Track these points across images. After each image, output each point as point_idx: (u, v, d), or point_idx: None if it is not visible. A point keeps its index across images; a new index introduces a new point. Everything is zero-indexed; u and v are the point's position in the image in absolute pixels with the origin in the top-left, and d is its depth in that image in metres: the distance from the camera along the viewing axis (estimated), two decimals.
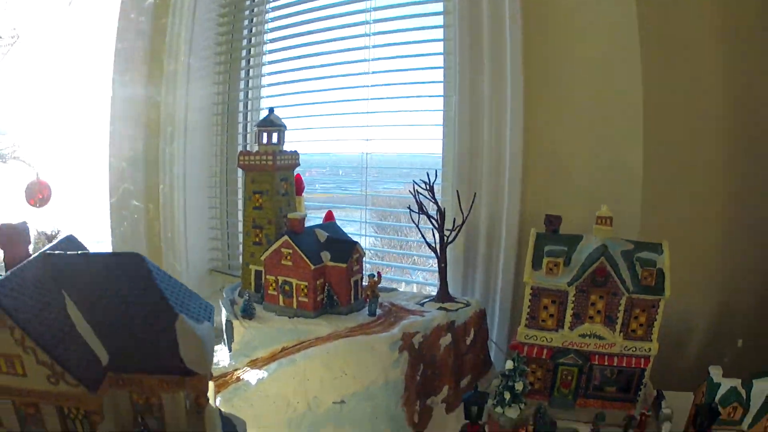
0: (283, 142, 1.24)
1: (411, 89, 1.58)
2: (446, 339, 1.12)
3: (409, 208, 1.24)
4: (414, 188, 1.22)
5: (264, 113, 1.90)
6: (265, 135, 1.23)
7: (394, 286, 1.40)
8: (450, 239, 1.20)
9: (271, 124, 1.22)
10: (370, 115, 1.65)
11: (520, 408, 1.03)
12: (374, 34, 1.63)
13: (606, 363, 1.10)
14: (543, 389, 1.11)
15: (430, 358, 1.08)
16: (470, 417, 0.99)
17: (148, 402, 0.64)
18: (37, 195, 1.56)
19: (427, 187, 1.21)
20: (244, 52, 1.97)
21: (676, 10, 1.31)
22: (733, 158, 1.29)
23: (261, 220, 1.20)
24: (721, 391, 1.05)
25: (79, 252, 0.69)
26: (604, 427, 1.12)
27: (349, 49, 1.73)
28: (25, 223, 0.75)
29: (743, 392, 1.05)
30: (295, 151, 1.26)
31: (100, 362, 0.58)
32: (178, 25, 1.87)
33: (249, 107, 1.99)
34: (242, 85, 1.94)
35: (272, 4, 1.94)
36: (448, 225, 1.25)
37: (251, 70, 1.99)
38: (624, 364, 1.09)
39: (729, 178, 1.30)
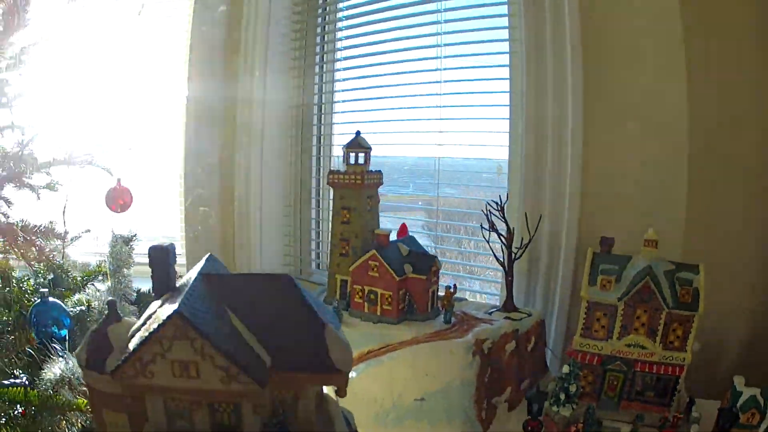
0: (369, 162, 1.51)
1: (480, 99, 1.86)
2: (511, 345, 1.39)
3: (481, 225, 1.51)
4: (486, 208, 1.48)
5: (336, 117, 2.20)
6: (352, 156, 1.49)
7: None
8: (517, 256, 1.47)
9: (359, 146, 1.48)
10: (439, 120, 1.89)
11: (572, 408, 1.30)
12: (444, 45, 1.89)
13: (647, 370, 1.37)
14: (592, 392, 1.38)
15: (496, 362, 1.36)
16: (531, 414, 1.26)
17: (282, 395, 0.90)
18: (119, 201, 1.72)
19: (499, 207, 1.47)
20: (317, 58, 2.25)
21: (721, 36, 1.53)
22: None
23: (348, 234, 1.47)
24: (743, 399, 1.29)
25: (236, 273, 0.95)
26: (642, 427, 1.39)
27: (419, 59, 2.00)
28: (173, 244, 1.01)
29: (761, 400, 1.30)
30: (380, 171, 1.52)
31: (265, 363, 0.85)
32: (252, 38, 2.14)
33: (323, 110, 2.24)
34: (316, 89, 2.22)
35: (344, 13, 2.21)
36: (514, 242, 1.52)
37: (324, 76, 2.27)
38: (662, 372, 1.36)
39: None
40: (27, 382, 1.25)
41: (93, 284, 1.60)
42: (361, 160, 1.48)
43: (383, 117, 2.09)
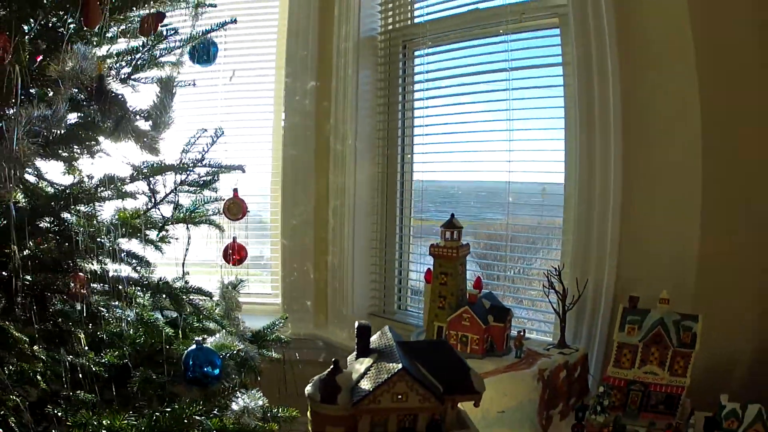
0: (461, 237, 2.45)
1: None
2: (563, 373, 2.36)
3: (544, 285, 2.49)
4: (548, 273, 2.46)
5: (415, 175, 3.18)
6: (448, 233, 2.44)
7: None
8: (569, 308, 2.44)
9: (453, 226, 2.42)
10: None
11: (605, 416, 2.28)
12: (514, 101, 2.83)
13: (659, 390, 2.33)
14: (619, 405, 2.34)
15: (553, 385, 2.33)
16: (577, 420, 2.24)
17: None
18: (235, 256, 2.29)
19: (557, 272, 2.45)
20: (399, 123, 3.26)
21: (736, 84, 2.26)
22: None
23: (445, 293, 2.41)
24: (725, 410, 2.14)
25: (415, 341, 1.91)
26: (654, 430, 2.35)
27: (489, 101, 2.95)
28: (369, 324, 1.97)
29: (740, 412, 2.06)
30: (468, 244, 2.47)
31: (440, 390, 1.82)
32: (342, 109, 3.13)
33: (403, 176, 3.27)
34: (398, 150, 3.26)
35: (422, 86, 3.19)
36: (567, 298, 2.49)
37: (405, 140, 3.29)
38: (669, 391, 2.32)
39: None
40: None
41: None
42: (455, 237, 2.43)
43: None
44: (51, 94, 1.67)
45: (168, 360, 1.96)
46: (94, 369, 1.77)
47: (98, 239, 1.89)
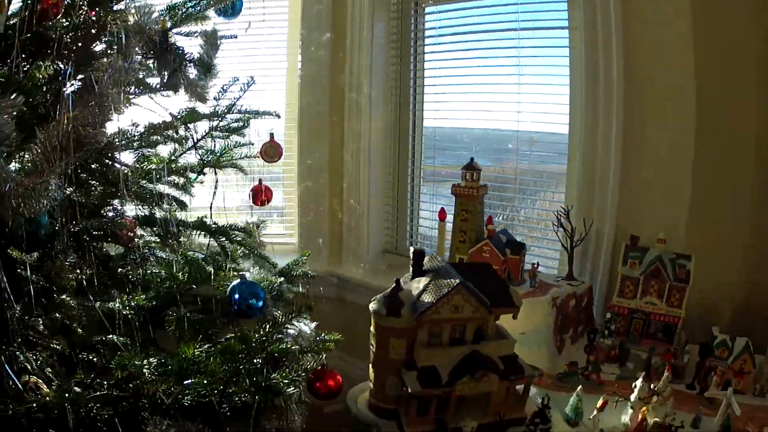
0: (480, 179, 2.67)
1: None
2: (572, 302, 2.62)
3: (553, 223, 2.74)
4: (558, 213, 2.71)
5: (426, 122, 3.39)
6: (468, 174, 2.65)
7: None
8: (576, 245, 2.70)
9: (473, 168, 2.64)
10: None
11: (612, 339, 2.55)
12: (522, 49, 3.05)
13: (658, 319, 2.61)
14: (624, 332, 2.61)
15: (564, 312, 2.59)
16: (589, 341, 2.51)
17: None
18: (262, 197, 2.41)
19: (566, 212, 2.70)
20: (411, 74, 3.44)
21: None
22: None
23: (466, 228, 2.63)
24: (717, 340, 2.27)
25: (463, 263, 2.13)
26: (654, 354, 2.63)
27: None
28: (423, 249, 2.18)
29: (730, 343, 2.23)
30: (486, 184, 2.69)
31: (488, 303, 2.04)
32: (357, 59, 3.32)
33: (416, 124, 3.48)
34: (411, 100, 3.47)
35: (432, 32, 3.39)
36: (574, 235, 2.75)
37: (416, 89, 3.47)
38: (667, 320, 2.60)
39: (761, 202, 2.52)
40: None
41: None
42: (475, 177, 2.65)
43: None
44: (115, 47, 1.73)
45: (199, 299, 2.05)
46: (126, 313, 1.81)
47: (141, 183, 2.00)
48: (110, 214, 1.96)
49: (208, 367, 1.69)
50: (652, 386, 2.12)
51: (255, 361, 1.85)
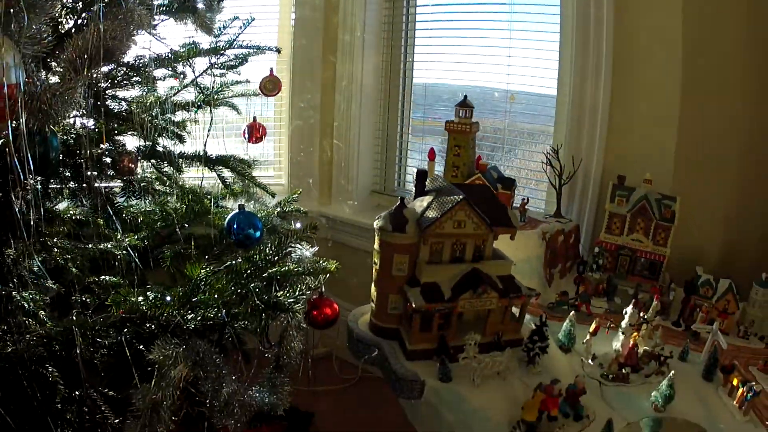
0: (472, 116, 2.72)
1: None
2: (560, 238, 2.68)
3: (542, 162, 2.80)
4: (547, 152, 2.77)
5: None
6: (462, 111, 2.69)
7: None
8: (564, 183, 2.76)
9: (466, 105, 2.68)
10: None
11: (600, 274, 2.63)
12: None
13: (644, 256, 2.69)
14: (611, 268, 2.69)
15: (553, 247, 2.66)
16: (579, 273, 2.58)
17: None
18: (256, 134, 2.47)
19: (555, 151, 2.75)
20: (403, 18, 3.46)
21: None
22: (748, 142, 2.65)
23: (459, 163, 2.67)
24: (701, 280, 2.42)
25: (464, 183, 2.18)
26: (641, 291, 2.71)
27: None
28: (425, 170, 2.22)
29: (713, 282, 2.36)
30: (477, 122, 2.74)
31: (488, 222, 2.09)
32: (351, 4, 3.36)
33: (406, 64, 3.49)
34: (402, 42, 3.50)
35: None
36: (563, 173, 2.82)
37: (408, 33, 3.51)
38: (653, 258, 2.69)
39: (742, 147, 2.66)
40: None
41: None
42: (468, 115, 2.69)
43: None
44: None
45: (191, 238, 2.07)
46: (119, 254, 1.81)
47: (142, 116, 2.00)
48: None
49: (215, 285, 1.72)
50: (641, 314, 2.20)
51: (261, 280, 1.87)
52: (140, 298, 1.65)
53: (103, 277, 1.79)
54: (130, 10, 1.48)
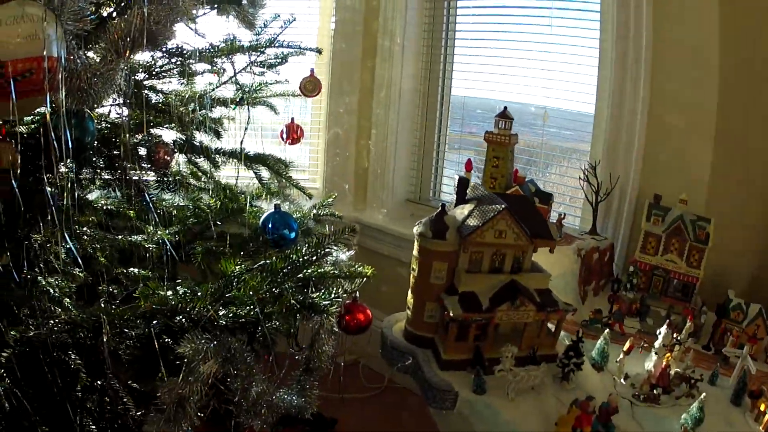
0: (512, 127, 2.73)
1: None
2: (595, 255, 2.69)
3: (579, 177, 2.80)
4: (585, 168, 2.77)
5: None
6: (501, 122, 2.71)
7: None
8: (601, 200, 2.77)
9: (505, 116, 2.69)
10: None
11: (634, 293, 2.62)
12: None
13: (677, 278, 2.69)
14: (645, 288, 2.70)
15: (587, 264, 2.66)
16: (613, 290, 2.58)
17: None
18: (294, 135, 2.53)
19: (593, 168, 2.76)
20: (444, 27, 3.47)
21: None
22: None
23: (496, 174, 2.68)
24: (732, 303, 2.36)
25: (506, 194, 2.20)
26: (673, 312, 2.71)
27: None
28: (467, 177, 2.24)
29: (744, 307, 2.32)
30: (516, 134, 2.75)
31: (528, 233, 2.10)
32: (391, 6, 3.37)
33: (445, 72, 3.52)
34: (441, 50, 3.50)
35: None
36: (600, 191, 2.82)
37: (447, 41, 3.52)
38: (686, 280, 2.68)
39: None
40: None
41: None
42: (507, 126, 2.70)
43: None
44: None
45: (224, 236, 2.08)
46: (150, 247, 1.81)
47: (180, 109, 2.01)
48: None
49: (249, 282, 1.69)
50: (674, 336, 2.20)
51: (296, 280, 1.85)
52: (169, 293, 1.63)
53: (131, 269, 1.79)
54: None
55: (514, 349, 1.98)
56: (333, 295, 1.95)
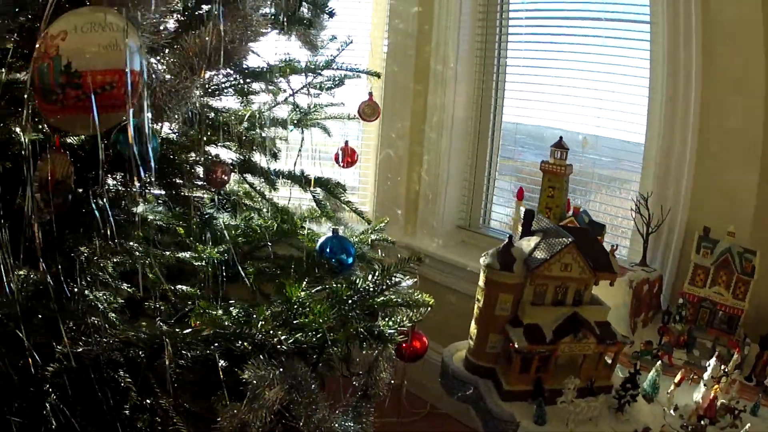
0: (567, 158, 2.82)
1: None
2: (645, 287, 2.78)
3: (631, 209, 2.90)
4: (638, 199, 2.87)
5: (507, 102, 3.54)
6: (557, 152, 2.80)
7: None
8: (652, 232, 2.86)
9: (561, 147, 2.79)
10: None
11: (682, 325, 2.71)
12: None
13: (723, 309, 2.77)
14: (692, 319, 2.79)
15: (638, 295, 2.75)
16: (663, 322, 2.67)
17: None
18: (347, 158, 2.51)
19: (645, 199, 2.86)
20: (495, 53, 3.55)
21: None
22: None
23: (552, 204, 2.77)
24: None
25: (570, 227, 2.29)
26: (718, 344, 2.79)
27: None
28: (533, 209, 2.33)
29: None
30: (571, 164, 2.84)
31: (591, 266, 2.19)
32: (444, 33, 3.47)
33: (497, 101, 3.62)
34: (493, 77, 3.59)
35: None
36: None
37: (499, 68, 3.60)
38: (732, 312, 2.77)
39: None
40: None
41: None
42: (563, 156, 2.80)
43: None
44: None
45: (275, 255, 2.12)
46: (199, 265, 1.82)
47: (236, 131, 1.99)
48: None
49: (315, 309, 1.69)
50: (722, 367, 2.29)
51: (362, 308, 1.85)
52: (220, 312, 1.62)
53: (179, 286, 1.80)
54: (248, 15, 1.50)
55: (576, 381, 2.06)
56: (399, 324, 2.00)
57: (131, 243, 1.67)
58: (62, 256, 1.53)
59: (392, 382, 2.18)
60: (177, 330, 1.53)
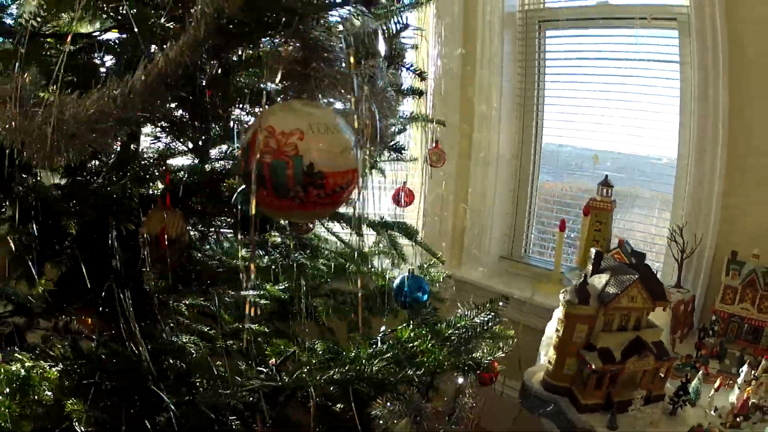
0: (611, 194, 3.31)
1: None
2: (681, 307, 3.30)
3: (668, 238, 3.42)
4: (673, 227, 3.39)
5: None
6: (604, 190, 3.29)
7: None
8: (686, 257, 3.38)
9: (608, 184, 3.28)
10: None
11: (714, 339, 3.24)
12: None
13: (749, 322, 3.30)
14: (723, 334, 3.31)
15: (675, 314, 3.26)
16: (699, 338, 3.19)
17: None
18: (406, 199, 2.80)
19: (680, 230, 3.37)
20: (535, 93, 3.93)
21: None
22: None
23: (599, 237, 3.26)
24: None
25: (624, 263, 2.79)
26: (746, 354, 3.30)
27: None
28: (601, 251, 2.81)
29: None
30: (615, 200, 3.34)
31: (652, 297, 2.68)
32: (487, 74, 3.94)
33: (537, 135, 4.11)
34: (533, 119, 4.03)
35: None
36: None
37: (538, 106, 4.01)
38: (756, 324, 3.30)
39: None
40: None
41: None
42: (609, 194, 3.30)
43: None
44: None
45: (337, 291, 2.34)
46: (264, 303, 1.99)
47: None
48: None
49: (425, 348, 1.88)
50: (752, 372, 2.81)
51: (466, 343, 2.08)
52: (296, 349, 1.78)
53: (248, 325, 1.91)
54: (383, 89, 1.55)
55: (643, 392, 2.56)
56: (492, 356, 2.35)
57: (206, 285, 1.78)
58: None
59: (474, 405, 2.64)
60: (315, 375, 1.62)
